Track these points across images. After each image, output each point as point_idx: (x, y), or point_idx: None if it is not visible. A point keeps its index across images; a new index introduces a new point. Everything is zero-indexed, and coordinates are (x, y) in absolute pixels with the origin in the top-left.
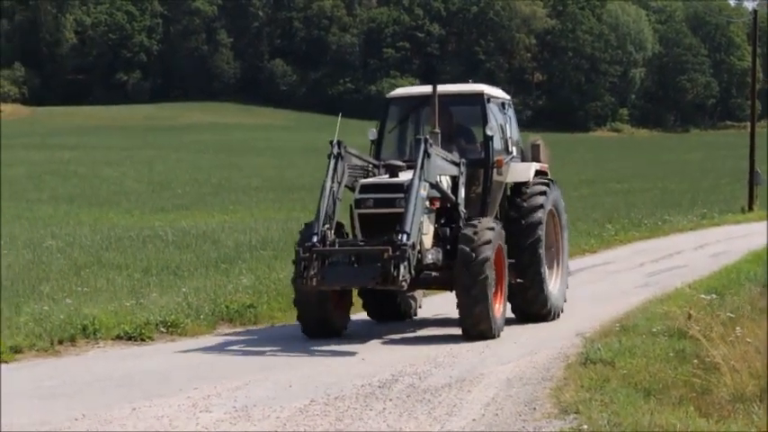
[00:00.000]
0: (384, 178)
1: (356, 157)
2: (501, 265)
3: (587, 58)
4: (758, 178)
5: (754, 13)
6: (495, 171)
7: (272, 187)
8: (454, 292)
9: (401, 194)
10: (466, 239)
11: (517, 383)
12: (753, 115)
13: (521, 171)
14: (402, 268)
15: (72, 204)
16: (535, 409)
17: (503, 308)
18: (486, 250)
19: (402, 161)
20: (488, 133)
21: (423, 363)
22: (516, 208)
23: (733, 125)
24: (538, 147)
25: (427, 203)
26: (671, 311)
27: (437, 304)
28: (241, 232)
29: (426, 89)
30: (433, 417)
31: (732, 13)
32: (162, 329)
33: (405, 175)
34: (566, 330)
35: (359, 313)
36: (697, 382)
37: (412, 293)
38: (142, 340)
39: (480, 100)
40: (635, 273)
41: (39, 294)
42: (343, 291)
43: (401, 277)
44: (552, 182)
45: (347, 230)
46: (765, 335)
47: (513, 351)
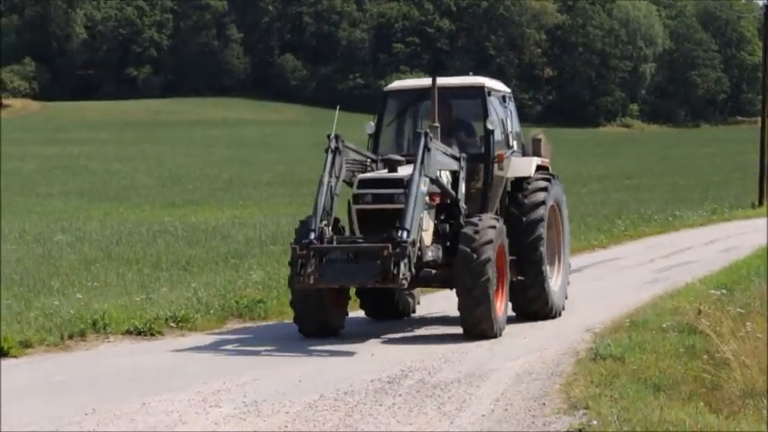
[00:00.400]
0: (383, 173)
1: (354, 151)
2: (502, 264)
3: (597, 53)
4: None
5: (765, 8)
6: (495, 166)
7: (282, 182)
8: (454, 290)
9: (400, 190)
10: (467, 239)
11: (527, 379)
12: (764, 110)
13: (522, 166)
14: (402, 266)
15: (82, 199)
16: (545, 404)
17: (504, 307)
18: (488, 250)
19: (400, 155)
20: (489, 127)
21: (432, 358)
22: (517, 204)
23: (744, 120)
24: (539, 141)
25: (427, 199)
26: (681, 307)
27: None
28: (251, 227)
29: (425, 82)
30: (442, 412)
31: (743, 8)
32: (172, 324)
33: (404, 170)
34: (575, 326)
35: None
36: (707, 377)
37: (410, 291)
38: (152, 335)
39: (481, 93)
40: (645, 268)
41: (49, 289)
42: (341, 289)
43: (401, 275)
44: (554, 177)
45: (343, 226)
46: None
47: (522, 346)
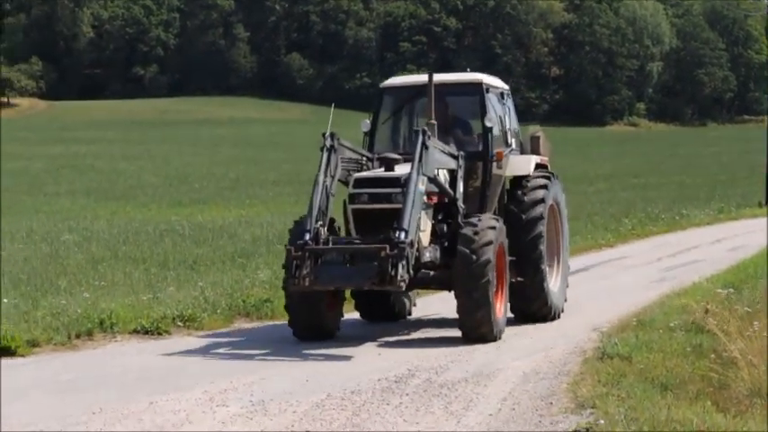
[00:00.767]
0: (379, 172)
1: (350, 149)
2: (502, 265)
3: (604, 52)
4: None
5: None
6: (494, 164)
7: (288, 181)
8: (453, 292)
9: (398, 189)
10: (466, 240)
11: (534, 378)
12: None
13: (521, 164)
14: (400, 268)
15: (89, 198)
16: (552, 403)
17: (504, 309)
18: (488, 252)
19: (397, 154)
20: (488, 125)
21: (439, 358)
22: (516, 202)
23: (751, 119)
24: (538, 139)
25: (424, 198)
26: (688, 306)
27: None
28: (258, 226)
29: (422, 78)
30: (449, 411)
31: (750, 6)
32: (179, 324)
33: (401, 169)
34: (582, 325)
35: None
36: (714, 376)
37: (406, 293)
38: (159, 334)
39: (479, 90)
40: (652, 267)
41: (56, 288)
42: (336, 291)
43: (399, 277)
44: (553, 175)
45: (339, 226)
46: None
47: (529, 346)
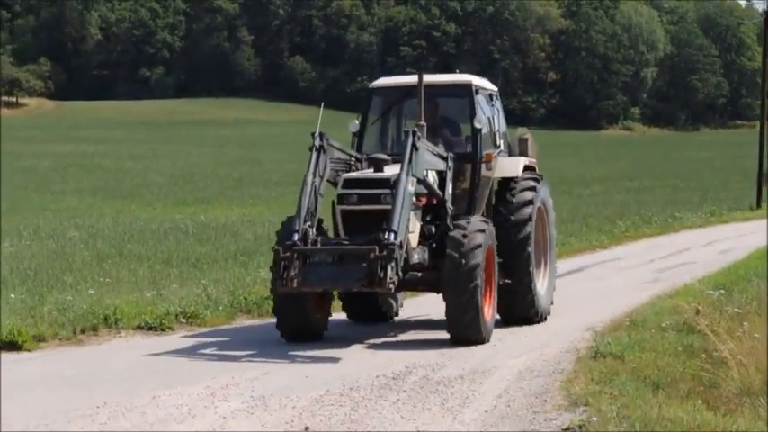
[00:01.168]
0: (368, 173)
1: (338, 150)
2: (491, 268)
3: (600, 57)
4: (767, 176)
5: (765, 14)
6: (483, 166)
7: (291, 182)
8: (441, 294)
9: (387, 190)
10: (455, 243)
11: (528, 376)
12: (762, 115)
13: (509, 166)
14: (389, 269)
15: (96, 197)
16: (546, 401)
17: (492, 312)
18: (477, 256)
19: (385, 155)
20: (477, 126)
21: (435, 355)
22: (505, 203)
23: (743, 124)
24: (526, 141)
25: (413, 200)
26: (679, 307)
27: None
28: (260, 226)
29: (411, 79)
30: (446, 408)
31: (743, 14)
32: (182, 320)
33: (390, 170)
34: (576, 324)
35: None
36: (705, 376)
37: (394, 294)
38: (162, 330)
39: (468, 91)
40: (645, 268)
41: (62, 284)
42: (324, 292)
43: (388, 279)
44: (541, 178)
45: (326, 227)
46: (765, 329)
47: (524, 344)
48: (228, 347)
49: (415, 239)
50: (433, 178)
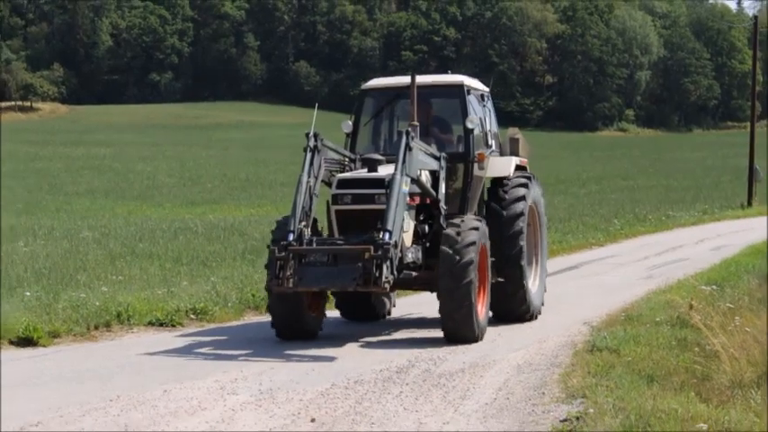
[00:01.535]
0: (362, 173)
1: (333, 150)
2: (484, 265)
3: (595, 61)
4: (757, 175)
5: (755, 18)
6: (476, 165)
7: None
8: (435, 293)
9: (381, 190)
10: (449, 241)
11: (527, 369)
12: (753, 116)
13: (501, 166)
14: (385, 269)
15: (107, 198)
16: (544, 393)
17: (486, 309)
18: (470, 252)
19: (378, 155)
20: (469, 126)
21: (437, 349)
22: (497, 200)
23: (734, 125)
24: (517, 141)
25: (407, 199)
26: (673, 302)
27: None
28: (267, 225)
29: (403, 80)
30: (447, 400)
31: (734, 18)
32: (192, 316)
33: (384, 170)
34: (573, 319)
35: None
36: (698, 369)
37: (388, 293)
38: (173, 326)
39: (460, 92)
40: (639, 265)
41: (76, 282)
42: (319, 291)
43: (384, 279)
44: (532, 177)
45: (321, 227)
46: (765, 324)
47: (523, 338)
48: (237, 343)
49: (409, 239)
50: (426, 178)
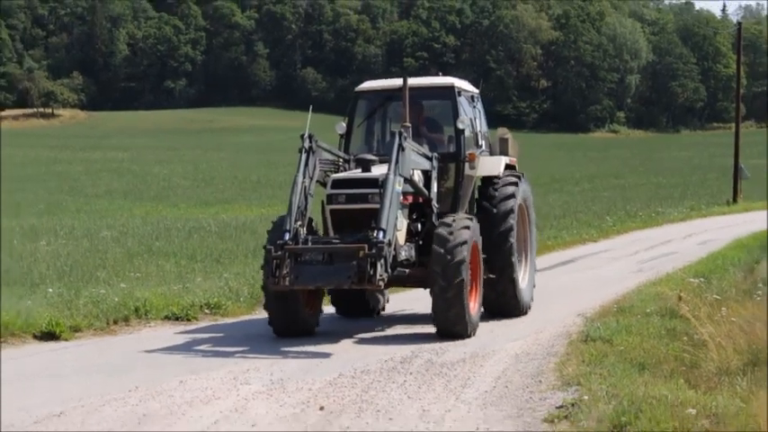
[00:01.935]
0: (357, 173)
1: (327, 150)
2: (476, 263)
3: (588, 66)
4: (742, 173)
5: (739, 25)
6: (467, 165)
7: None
8: (428, 290)
9: (375, 189)
10: (441, 240)
11: (524, 358)
12: (737, 117)
13: (491, 165)
14: (379, 267)
15: (125, 199)
16: (541, 381)
17: (478, 306)
18: (462, 251)
19: (372, 155)
20: (460, 127)
21: (439, 341)
22: (488, 198)
23: (720, 126)
24: (506, 141)
25: (400, 198)
26: (663, 294)
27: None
28: None
29: (395, 82)
30: (449, 389)
31: (718, 25)
32: (206, 311)
33: (377, 170)
34: (568, 311)
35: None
36: (686, 357)
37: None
38: (188, 320)
39: (451, 93)
40: (631, 259)
41: (96, 279)
42: (316, 289)
43: (378, 276)
44: (522, 176)
45: (316, 225)
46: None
47: (520, 329)
48: (249, 335)
49: (402, 237)
50: (418, 177)
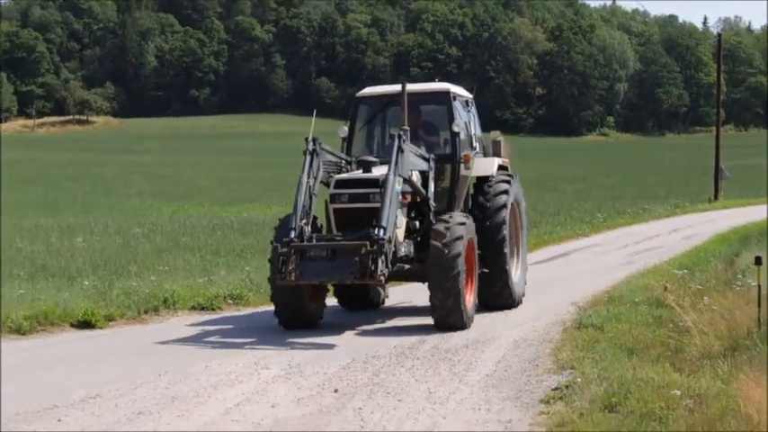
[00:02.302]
0: (358, 174)
1: (330, 153)
2: (471, 258)
3: (580, 74)
4: (722, 173)
5: (719, 36)
6: (462, 166)
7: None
8: (426, 284)
9: (375, 189)
10: (438, 236)
11: (522, 344)
12: (718, 121)
13: (485, 165)
14: (380, 262)
15: (154, 198)
16: (537, 365)
17: (473, 298)
18: (458, 246)
19: (372, 157)
20: (455, 130)
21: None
22: (482, 194)
23: (702, 130)
24: (498, 143)
25: (400, 198)
26: (650, 284)
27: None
28: None
29: (395, 88)
30: (453, 372)
31: (700, 36)
32: (229, 301)
33: (378, 171)
34: (562, 300)
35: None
36: (671, 342)
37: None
38: (213, 310)
39: (447, 98)
40: (620, 253)
41: (128, 273)
42: (320, 284)
43: (379, 271)
44: (513, 176)
45: (321, 224)
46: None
47: (519, 318)
48: (269, 324)
49: (401, 234)
50: (416, 178)
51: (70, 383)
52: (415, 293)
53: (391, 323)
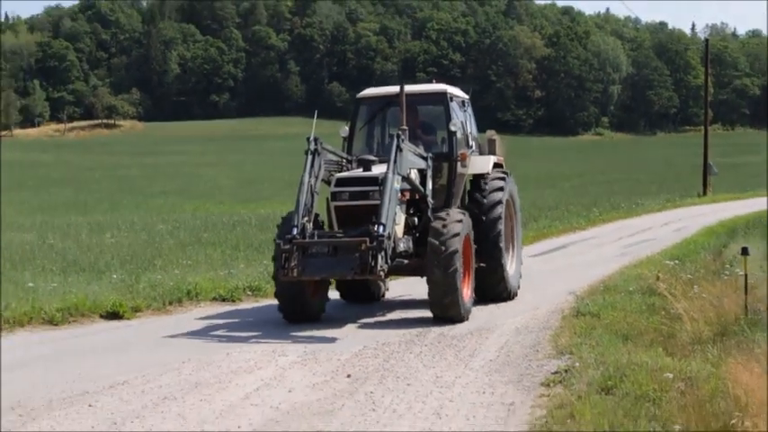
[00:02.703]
0: (358, 172)
1: (331, 152)
2: (468, 254)
3: (576, 78)
4: (711, 170)
5: (706, 41)
6: (459, 164)
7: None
8: (425, 278)
9: (375, 187)
10: (436, 233)
11: (524, 332)
12: (706, 121)
13: (481, 163)
14: (380, 258)
15: (178, 197)
16: (538, 351)
17: (470, 292)
18: (455, 243)
19: (372, 156)
20: (452, 129)
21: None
22: (479, 191)
23: (691, 129)
24: (494, 141)
25: (399, 195)
26: (643, 274)
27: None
28: None
29: (393, 89)
30: (459, 358)
31: (688, 41)
32: (248, 293)
33: (377, 169)
34: (561, 290)
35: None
36: (664, 329)
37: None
38: (233, 301)
39: (443, 99)
40: (615, 245)
41: (153, 266)
42: (322, 279)
43: (379, 267)
44: (508, 174)
45: (322, 221)
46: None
47: (520, 307)
48: None
49: (400, 230)
50: (415, 175)
51: (101, 371)
52: (414, 287)
53: (394, 315)
